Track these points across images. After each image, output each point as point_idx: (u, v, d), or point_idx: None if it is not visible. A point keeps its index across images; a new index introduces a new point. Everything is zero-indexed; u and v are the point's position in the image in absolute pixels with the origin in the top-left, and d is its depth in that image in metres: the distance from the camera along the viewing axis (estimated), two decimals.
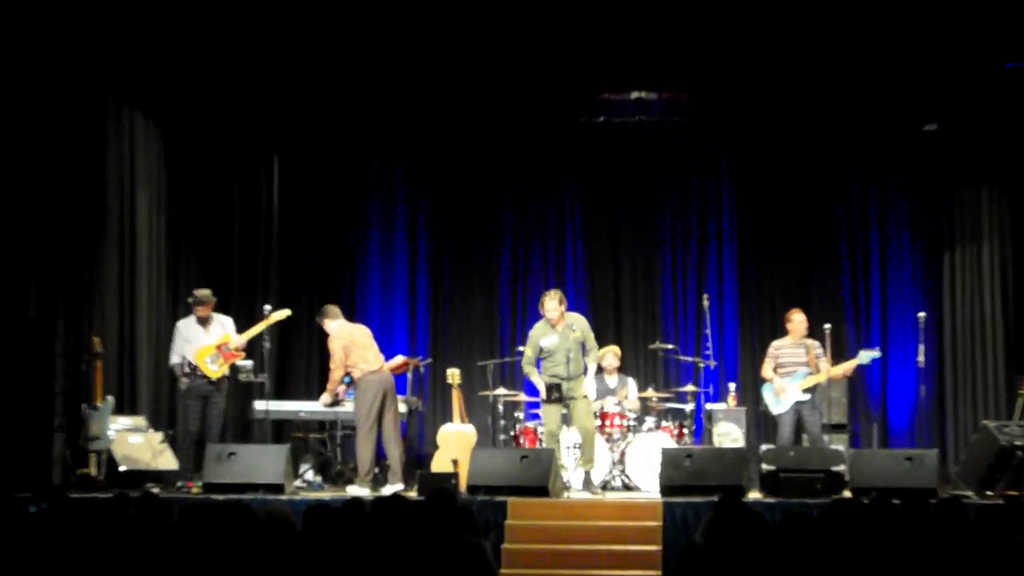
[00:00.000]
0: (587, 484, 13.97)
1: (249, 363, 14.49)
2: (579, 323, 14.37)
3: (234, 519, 7.53)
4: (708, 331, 15.63)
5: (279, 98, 17.15)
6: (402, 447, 14.53)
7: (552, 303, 14.22)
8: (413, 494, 13.12)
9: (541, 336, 14.24)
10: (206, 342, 14.28)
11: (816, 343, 15.06)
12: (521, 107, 17.79)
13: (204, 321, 14.39)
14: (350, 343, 14.38)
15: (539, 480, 13.04)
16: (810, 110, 17.62)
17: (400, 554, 7.32)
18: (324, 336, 14.78)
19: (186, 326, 14.49)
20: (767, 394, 15.12)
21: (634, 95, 17.92)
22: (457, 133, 18.44)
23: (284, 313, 14.43)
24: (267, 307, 14.63)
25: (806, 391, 14.86)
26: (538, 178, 18.77)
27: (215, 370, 14.25)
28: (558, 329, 14.19)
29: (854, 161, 18.32)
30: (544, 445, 14.28)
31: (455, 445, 15.24)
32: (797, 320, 15.17)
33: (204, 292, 14.56)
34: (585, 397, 14.21)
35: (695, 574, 7.54)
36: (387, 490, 13.68)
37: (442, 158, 18.73)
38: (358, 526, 7.62)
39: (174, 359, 14.46)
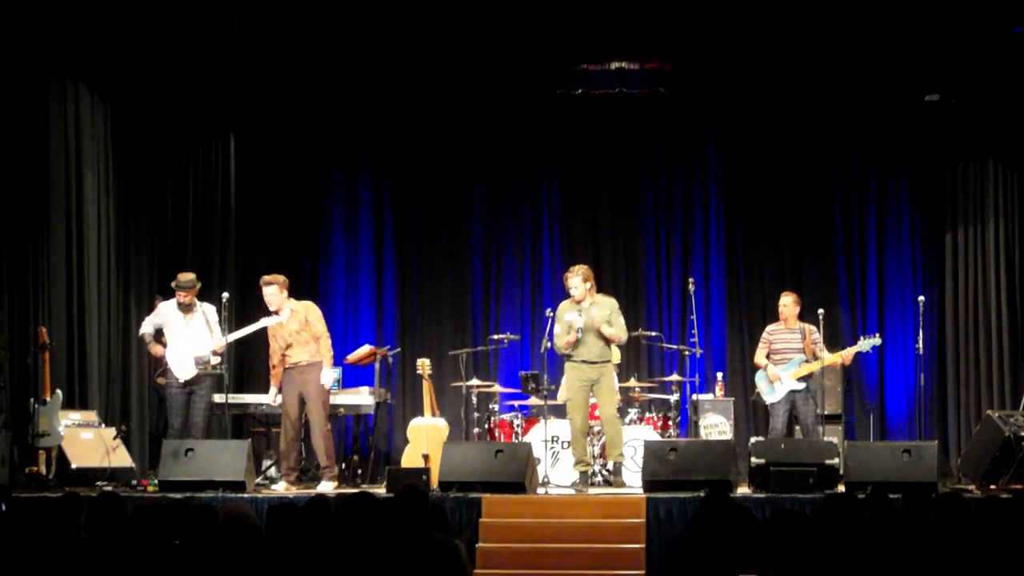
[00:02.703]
0: (616, 473, 14.09)
1: (204, 355, 14.46)
2: (607, 303, 14.36)
3: (194, 520, 7.64)
4: (694, 317, 15.68)
5: (234, 72, 17.21)
6: None
7: (575, 279, 14.27)
8: (382, 491, 13.21)
9: (565, 312, 14.26)
10: (181, 330, 14.35)
11: (813, 328, 15.13)
12: (493, 79, 17.88)
13: (187, 308, 14.45)
14: None
15: (515, 475, 13.13)
16: (802, 81, 17.71)
17: (369, 554, 7.40)
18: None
19: (167, 308, 14.60)
20: (761, 382, 15.23)
21: (615, 65, 18.03)
22: (424, 108, 18.47)
23: (275, 320, 14.38)
24: (224, 295, 14.62)
25: (801, 379, 14.97)
26: (512, 155, 18.82)
27: (187, 370, 14.33)
28: (583, 306, 14.22)
29: (850, 135, 18.35)
30: (572, 445, 14.32)
31: (426, 439, 15.27)
32: (783, 303, 15.25)
33: (187, 276, 14.58)
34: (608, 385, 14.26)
35: (682, 573, 7.66)
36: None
37: (408, 134, 18.75)
38: (323, 525, 7.70)
39: (145, 328, 14.59)
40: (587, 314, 14.10)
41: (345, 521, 7.90)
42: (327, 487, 13.99)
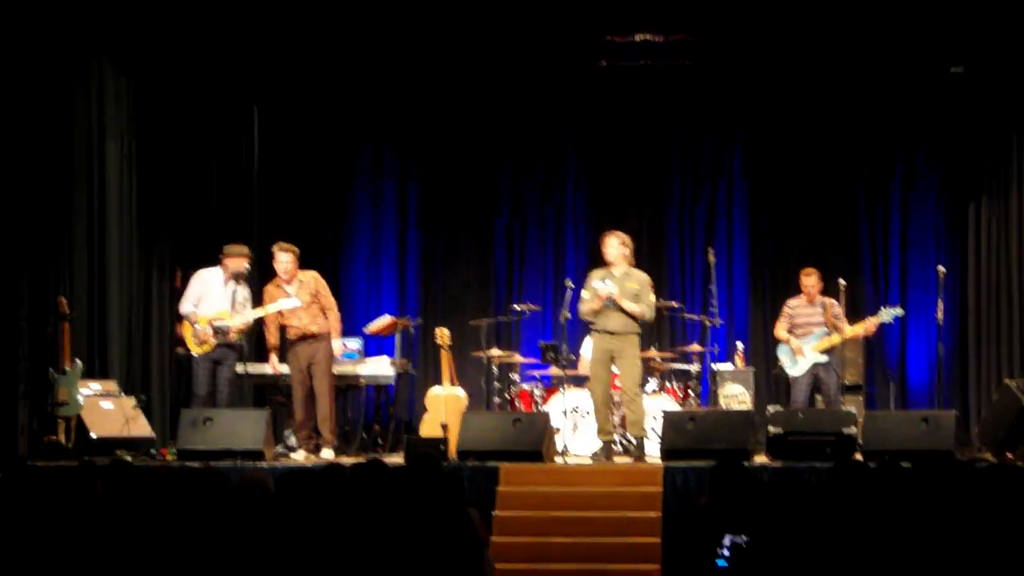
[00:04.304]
0: (638, 448, 13.89)
1: (226, 323, 14.53)
2: (640, 278, 14.13)
3: (205, 486, 7.70)
4: (713, 287, 15.68)
5: (257, 44, 17.22)
6: None
7: (612, 239, 14.15)
8: (400, 459, 13.28)
9: (595, 279, 14.10)
10: (220, 300, 14.47)
11: (834, 301, 15.08)
12: (518, 51, 17.87)
13: (236, 278, 14.56)
14: None
15: (533, 445, 13.18)
16: (826, 53, 17.64)
17: (380, 522, 7.46)
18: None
19: (210, 276, 14.68)
20: (783, 356, 15.19)
21: (639, 37, 17.96)
22: (450, 80, 18.48)
23: (293, 303, 14.39)
24: (246, 266, 14.63)
25: (824, 352, 14.93)
26: (537, 127, 18.82)
27: (197, 346, 14.43)
28: (614, 273, 14.09)
29: (874, 107, 18.28)
30: (595, 415, 14.19)
31: (445, 409, 15.29)
32: (810, 283, 15.14)
33: (231, 247, 14.80)
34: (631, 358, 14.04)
35: (693, 537, 7.71)
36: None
37: (434, 105, 18.75)
38: (334, 492, 7.76)
39: (187, 307, 14.61)
40: (618, 283, 13.98)
41: (357, 489, 7.96)
42: (328, 455, 14.04)
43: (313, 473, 7.99)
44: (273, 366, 14.83)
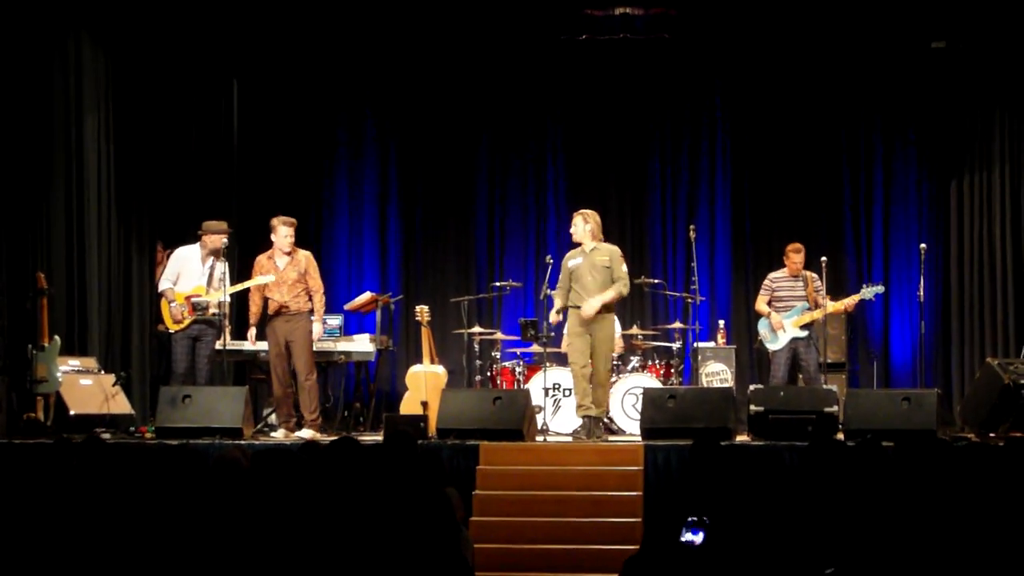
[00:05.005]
0: (591, 430, 13.78)
1: (204, 299, 14.48)
2: (608, 250, 14.07)
3: (178, 463, 7.66)
4: (694, 264, 15.63)
5: (237, 18, 17.15)
6: None
7: (576, 218, 14.16)
8: (380, 438, 13.24)
9: (569, 258, 14.09)
10: (197, 278, 14.42)
11: (815, 276, 15.07)
12: (498, 24, 17.81)
13: (215, 254, 14.53)
14: None
15: (513, 423, 13.14)
16: (808, 27, 17.60)
17: (355, 500, 7.42)
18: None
19: (187, 254, 14.70)
20: (763, 329, 15.19)
21: (619, 11, 17.92)
22: (429, 54, 18.42)
23: (269, 279, 14.31)
24: (224, 241, 14.59)
25: (803, 327, 14.93)
26: (517, 102, 18.75)
27: (174, 323, 14.39)
28: (585, 251, 14.04)
29: (856, 82, 18.26)
30: (573, 385, 14.12)
31: (425, 386, 15.24)
32: (797, 260, 15.12)
33: (210, 223, 14.74)
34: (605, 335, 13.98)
35: (673, 516, 7.69)
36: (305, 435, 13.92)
37: (414, 81, 18.69)
38: (311, 471, 7.72)
39: (165, 284, 14.64)
40: (588, 259, 13.99)
41: (330, 466, 7.92)
42: (307, 434, 13.96)
43: (288, 451, 7.95)
44: (250, 339, 14.76)
